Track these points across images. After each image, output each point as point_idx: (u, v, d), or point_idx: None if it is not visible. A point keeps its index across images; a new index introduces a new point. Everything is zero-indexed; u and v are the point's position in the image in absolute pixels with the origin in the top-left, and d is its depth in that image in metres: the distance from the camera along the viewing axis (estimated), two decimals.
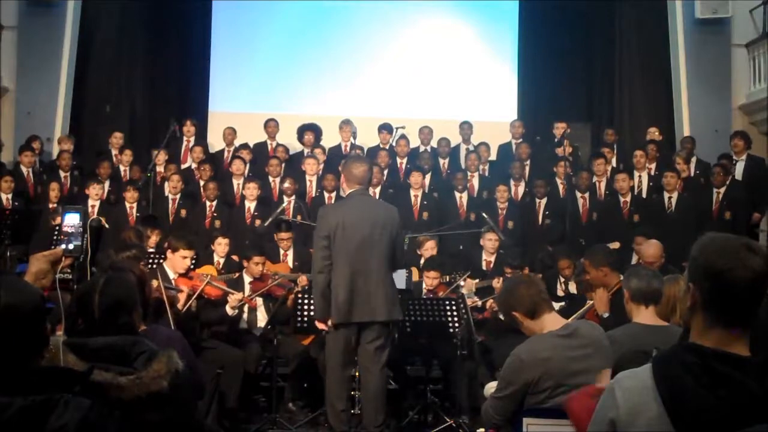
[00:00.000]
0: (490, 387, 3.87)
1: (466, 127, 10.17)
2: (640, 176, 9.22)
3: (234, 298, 6.11)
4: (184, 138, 10.04)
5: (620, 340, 3.58)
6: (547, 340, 3.25)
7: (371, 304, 5.12)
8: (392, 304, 5.20)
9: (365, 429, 5.32)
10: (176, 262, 5.78)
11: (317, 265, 5.27)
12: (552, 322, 3.31)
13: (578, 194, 8.91)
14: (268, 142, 10.15)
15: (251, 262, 6.53)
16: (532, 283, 3.42)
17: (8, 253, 7.27)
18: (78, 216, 2.54)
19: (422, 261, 7.25)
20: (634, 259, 7.22)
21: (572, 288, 6.66)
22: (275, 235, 7.62)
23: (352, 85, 11.63)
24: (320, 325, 5.32)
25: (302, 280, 6.77)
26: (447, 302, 6.16)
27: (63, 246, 2.51)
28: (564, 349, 3.20)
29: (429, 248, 7.33)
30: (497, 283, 6.67)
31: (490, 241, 7.50)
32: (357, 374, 5.53)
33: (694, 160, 9.57)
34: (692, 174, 9.38)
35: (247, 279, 6.58)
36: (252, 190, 8.58)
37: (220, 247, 7.23)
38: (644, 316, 3.77)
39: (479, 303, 6.61)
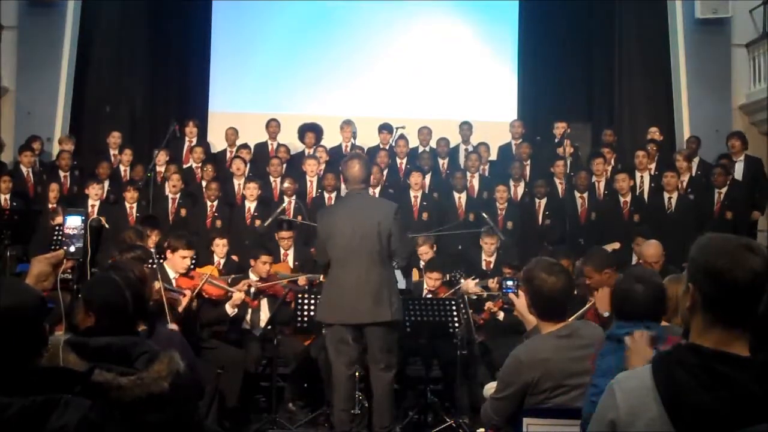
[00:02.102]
0: (490, 387, 3.87)
1: (465, 128, 10.17)
2: (642, 176, 9.22)
3: (236, 297, 6.10)
4: (186, 138, 10.05)
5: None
6: (546, 340, 3.25)
7: (355, 306, 5.09)
8: (378, 305, 5.09)
9: (371, 430, 5.32)
10: (176, 262, 5.77)
11: (319, 262, 5.59)
12: (553, 325, 3.30)
13: (577, 194, 8.92)
14: (269, 142, 10.15)
15: (258, 261, 6.53)
16: (558, 294, 3.29)
17: (8, 253, 7.28)
18: (80, 218, 2.54)
19: (422, 262, 7.25)
20: (634, 259, 7.23)
21: None
22: (276, 234, 7.63)
23: (352, 85, 11.63)
24: None
25: (301, 279, 6.77)
26: (447, 302, 6.16)
27: (65, 248, 2.50)
28: (564, 349, 3.19)
29: (424, 252, 7.29)
30: (493, 283, 6.66)
31: (486, 244, 7.52)
32: (358, 374, 5.52)
33: (696, 160, 9.57)
34: (694, 174, 9.38)
35: (253, 278, 6.57)
36: (252, 190, 8.58)
37: (219, 248, 7.24)
38: None
39: (484, 294, 6.56)
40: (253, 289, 6.41)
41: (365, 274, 5.09)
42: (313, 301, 6.19)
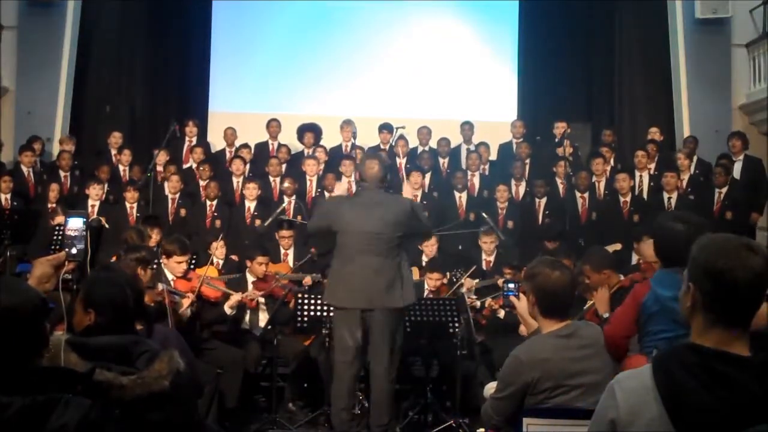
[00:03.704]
0: (490, 387, 3.87)
1: (467, 128, 10.17)
2: (641, 176, 9.23)
3: (233, 299, 6.10)
4: (186, 138, 10.05)
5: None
6: (546, 340, 3.25)
7: (369, 291, 5.18)
8: (391, 291, 5.19)
9: (370, 428, 5.32)
10: (172, 267, 5.76)
11: (310, 229, 5.87)
12: (554, 324, 3.30)
13: (577, 194, 8.92)
14: (270, 142, 10.15)
15: (255, 262, 6.51)
16: (565, 294, 3.28)
17: (8, 253, 7.27)
18: (81, 220, 2.54)
19: (423, 258, 7.25)
20: (634, 259, 7.22)
21: None
22: (276, 234, 7.63)
23: (352, 85, 11.63)
24: None
25: (307, 280, 6.77)
26: (447, 302, 6.16)
27: (66, 250, 2.51)
28: (563, 349, 3.19)
29: (429, 245, 7.34)
30: (499, 280, 6.66)
31: (485, 243, 7.52)
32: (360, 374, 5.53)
33: (694, 160, 9.57)
34: (692, 174, 9.38)
35: (250, 279, 6.57)
36: (252, 190, 8.59)
37: (217, 251, 7.24)
38: None
39: (477, 304, 6.58)
40: (249, 293, 6.40)
41: (379, 261, 5.19)
42: (313, 301, 6.19)
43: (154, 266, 5.22)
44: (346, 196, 7.33)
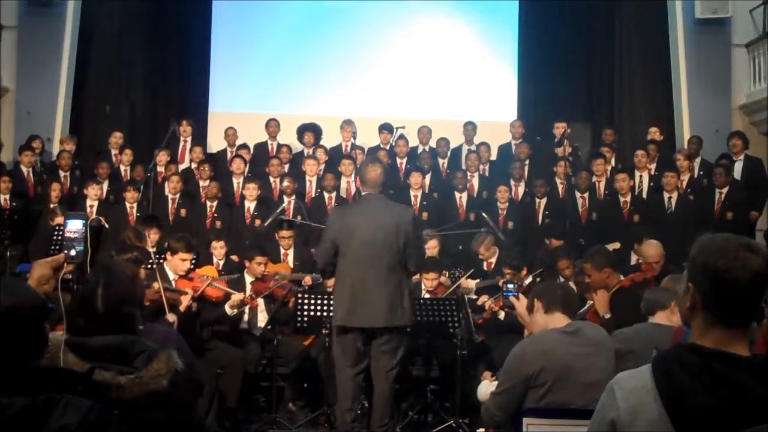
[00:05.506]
0: (483, 387, 3.89)
1: (470, 128, 10.15)
2: (641, 176, 9.23)
3: (235, 298, 6.09)
4: (181, 138, 10.04)
5: (633, 338, 3.69)
6: (550, 335, 3.31)
7: (372, 309, 5.09)
8: (394, 309, 5.10)
9: (370, 429, 5.33)
10: (176, 264, 5.75)
11: (320, 263, 5.55)
12: (559, 321, 3.35)
13: (577, 194, 8.92)
14: (269, 142, 10.15)
15: (253, 263, 6.50)
16: (567, 289, 3.71)
17: (8, 253, 7.28)
18: (81, 222, 2.54)
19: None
20: (634, 259, 7.23)
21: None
22: (276, 234, 7.62)
23: (352, 85, 11.63)
24: None
25: (307, 280, 6.76)
26: (447, 302, 6.16)
27: (66, 252, 2.50)
28: (567, 345, 3.24)
29: (432, 246, 7.33)
30: (501, 281, 6.64)
31: (483, 255, 7.44)
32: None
33: (698, 160, 9.57)
34: (696, 175, 9.37)
35: (248, 279, 6.56)
36: (251, 191, 8.58)
37: (217, 251, 7.23)
38: (659, 316, 3.99)
39: (489, 302, 6.53)
40: (248, 292, 6.39)
41: (383, 278, 5.09)
42: (313, 301, 6.18)
43: (149, 266, 5.21)
44: (347, 206, 7.30)
